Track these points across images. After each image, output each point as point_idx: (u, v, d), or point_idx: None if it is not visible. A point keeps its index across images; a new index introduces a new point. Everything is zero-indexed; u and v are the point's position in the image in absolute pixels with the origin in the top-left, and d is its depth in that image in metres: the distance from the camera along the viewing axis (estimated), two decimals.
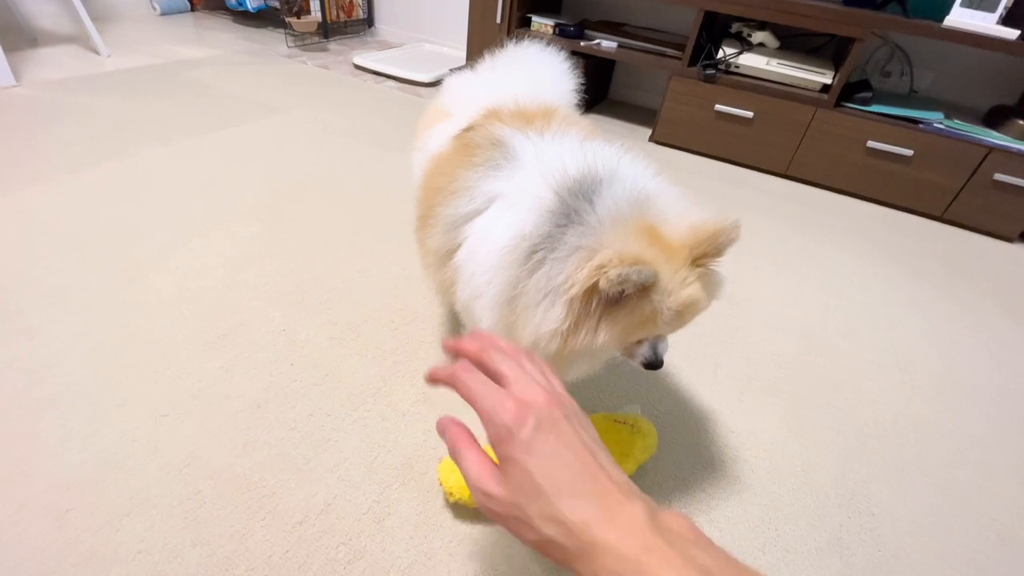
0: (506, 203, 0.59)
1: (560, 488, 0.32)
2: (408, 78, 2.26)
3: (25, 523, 0.64)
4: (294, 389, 0.84)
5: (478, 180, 0.62)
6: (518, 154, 0.62)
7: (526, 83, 0.80)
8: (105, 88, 1.88)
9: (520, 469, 0.33)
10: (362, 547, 0.65)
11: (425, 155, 0.77)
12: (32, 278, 1.00)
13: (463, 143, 0.69)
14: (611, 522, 0.30)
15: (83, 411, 0.77)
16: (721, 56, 1.77)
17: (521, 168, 0.60)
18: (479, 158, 0.63)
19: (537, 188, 0.56)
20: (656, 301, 0.51)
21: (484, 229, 0.60)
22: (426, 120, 0.86)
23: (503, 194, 0.60)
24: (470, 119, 0.73)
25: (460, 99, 0.82)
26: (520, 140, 0.63)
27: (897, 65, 1.87)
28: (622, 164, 0.59)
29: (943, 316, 1.24)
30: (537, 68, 0.86)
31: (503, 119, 0.68)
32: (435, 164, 0.72)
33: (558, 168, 0.57)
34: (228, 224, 1.23)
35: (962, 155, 1.59)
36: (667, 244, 0.52)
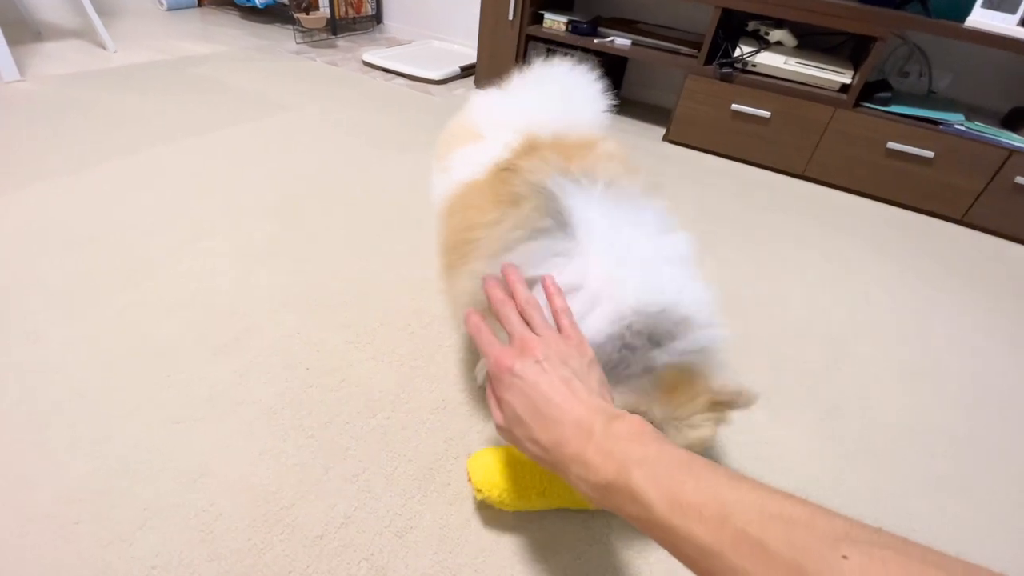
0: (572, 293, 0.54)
1: (536, 417, 0.43)
2: (418, 75, 2.23)
3: (32, 536, 0.61)
4: (310, 395, 0.82)
5: (527, 251, 0.55)
6: (573, 221, 0.55)
7: (559, 105, 0.76)
8: (111, 83, 1.85)
9: (507, 404, 0.45)
10: (384, 563, 0.63)
11: (452, 177, 0.72)
12: (37, 279, 0.97)
13: (502, 181, 0.64)
14: (574, 439, 0.40)
15: (91, 417, 0.75)
16: (738, 55, 1.74)
17: (585, 249, 0.54)
18: (523, 215, 0.57)
19: (618, 295, 0.52)
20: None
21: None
22: (450, 138, 0.81)
23: (566, 282, 0.54)
24: (505, 144, 0.69)
25: (491, 119, 0.77)
26: (572, 196, 0.57)
27: (915, 65, 1.84)
28: (705, 309, 0.55)
29: (970, 322, 1.21)
30: (569, 89, 0.81)
31: (544, 157, 0.63)
32: (469, 193, 0.67)
33: (642, 279, 0.53)
34: (238, 224, 1.20)
35: (983, 158, 1.56)
36: (689, 391, 0.52)
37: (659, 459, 0.36)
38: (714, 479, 0.34)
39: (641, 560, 0.67)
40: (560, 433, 0.41)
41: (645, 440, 0.39)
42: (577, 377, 0.45)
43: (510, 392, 0.45)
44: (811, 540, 0.28)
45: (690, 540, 0.32)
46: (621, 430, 0.39)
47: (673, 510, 0.33)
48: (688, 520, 0.32)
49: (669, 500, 0.33)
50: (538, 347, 0.46)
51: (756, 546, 0.29)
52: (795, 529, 0.29)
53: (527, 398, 0.44)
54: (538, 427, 0.43)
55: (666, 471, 0.35)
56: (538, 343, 0.46)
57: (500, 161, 0.67)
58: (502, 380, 0.46)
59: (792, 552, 0.28)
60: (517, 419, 0.44)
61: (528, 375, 0.44)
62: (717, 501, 0.32)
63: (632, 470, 0.36)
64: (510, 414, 0.45)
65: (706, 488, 0.33)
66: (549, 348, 0.46)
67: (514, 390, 0.45)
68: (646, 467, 0.36)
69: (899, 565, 0.26)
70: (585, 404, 0.42)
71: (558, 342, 0.47)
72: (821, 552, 0.28)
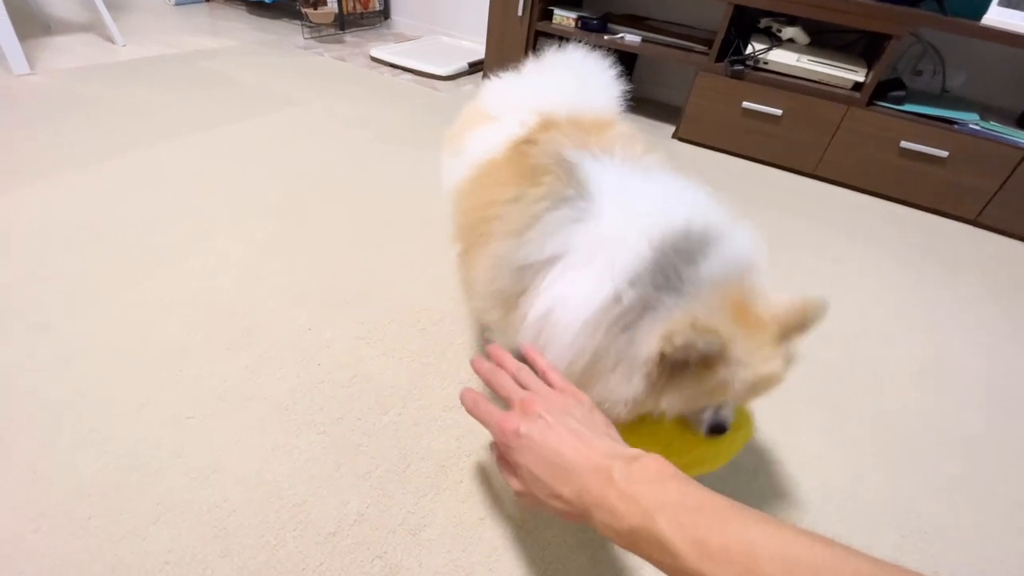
0: (586, 257, 0.52)
1: (553, 472, 0.42)
2: (426, 71, 2.22)
3: (45, 531, 0.61)
4: (322, 391, 0.81)
5: (548, 221, 0.54)
6: (591, 187, 0.54)
7: (574, 89, 0.75)
8: (120, 78, 1.85)
9: (521, 467, 0.45)
10: (398, 561, 0.62)
11: (467, 159, 0.71)
12: (47, 272, 0.97)
13: (520, 155, 0.62)
14: (595, 485, 0.40)
15: (103, 412, 0.74)
16: (750, 52, 1.72)
17: (600, 210, 0.53)
18: (544, 187, 0.56)
19: (632, 239, 0.50)
20: (725, 372, 0.48)
21: (564, 294, 0.52)
22: (463, 123, 0.80)
23: (580, 247, 0.52)
24: (522, 123, 0.68)
25: (505, 102, 0.77)
26: (591, 166, 0.56)
27: (929, 64, 1.82)
28: (728, 222, 0.54)
29: (983, 324, 1.19)
30: (584, 73, 0.80)
31: (563, 131, 0.63)
32: (485, 174, 0.66)
33: (656, 215, 0.51)
34: (248, 218, 1.19)
35: (998, 158, 1.54)
36: (756, 318, 0.49)
37: (682, 502, 0.36)
38: (740, 522, 0.34)
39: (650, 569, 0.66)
40: (580, 482, 0.41)
41: (665, 481, 0.38)
42: (582, 425, 0.45)
43: (521, 454, 0.45)
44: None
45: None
46: (640, 473, 0.39)
47: (701, 558, 0.33)
48: (716, 566, 0.32)
49: (696, 547, 0.33)
50: (538, 403, 0.46)
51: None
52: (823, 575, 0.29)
53: (539, 456, 0.43)
54: (557, 482, 0.42)
55: (691, 516, 0.35)
56: (537, 400, 0.47)
57: (518, 138, 0.66)
58: (511, 445, 0.46)
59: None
60: (534, 479, 0.44)
61: (535, 433, 0.44)
62: (744, 546, 0.32)
63: (656, 516, 0.35)
64: (527, 476, 0.44)
65: (732, 533, 0.33)
66: (549, 403, 0.46)
67: (524, 451, 0.44)
68: (670, 512, 0.35)
69: None
70: (598, 449, 0.42)
71: (555, 396, 0.48)
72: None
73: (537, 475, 0.43)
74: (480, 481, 0.72)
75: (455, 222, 0.71)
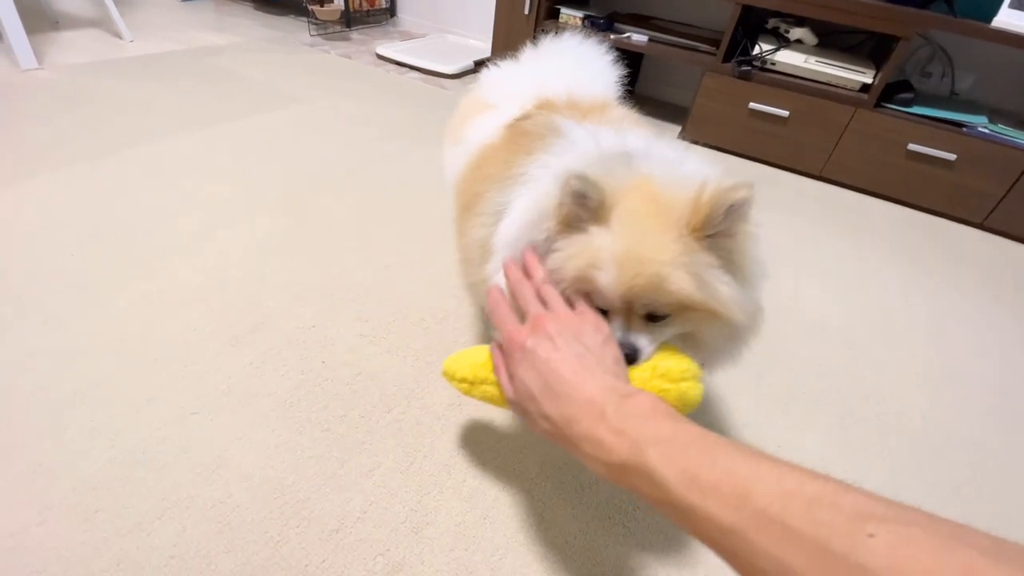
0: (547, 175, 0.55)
1: (547, 393, 0.43)
2: (432, 69, 2.22)
3: (51, 524, 0.61)
4: (325, 388, 0.81)
5: (529, 167, 0.57)
6: (576, 140, 0.57)
7: (572, 75, 0.76)
8: (127, 73, 1.86)
9: (519, 379, 0.45)
10: (401, 558, 0.62)
11: (466, 147, 0.73)
12: (53, 267, 0.97)
13: (517, 132, 0.65)
14: (585, 419, 0.39)
15: (109, 407, 0.75)
16: (757, 52, 1.72)
17: (569, 154, 0.57)
18: (533, 144, 0.59)
19: (571, 159, 0.53)
20: (600, 238, 0.46)
21: (515, 207, 0.56)
22: (463, 113, 0.82)
23: (540, 177, 0.56)
24: (521, 109, 0.69)
25: (504, 90, 0.78)
26: (578, 130, 0.59)
27: (938, 66, 1.81)
28: (664, 146, 0.56)
29: (989, 327, 1.19)
30: (581, 60, 0.82)
31: (559, 110, 0.65)
32: (484, 154, 0.68)
33: (606, 146, 0.54)
34: (253, 215, 1.20)
35: (1007, 161, 1.53)
36: (661, 207, 0.46)
37: (674, 437, 0.35)
38: (732, 457, 0.33)
39: (658, 564, 0.66)
40: (571, 410, 0.41)
41: (659, 418, 0.38)
42: (591, 353, 0.44)
43: (522, 367, 0.45)
44: (835, 518, 0.27)
45: (710, 520, 0.31)
46: (634, 408, 0.38)
47: (691, 490, 0.32)
48: (707, 500, 0.31)
49: (686, 479, 0.32)
50: (551, 323, 0.46)
51: (778, 525, 0.28)
52: (818, 507, 0.28)
53: (538, 374, 0.43)
54: (549, 403, 0.42)
55: (682, 450, 0.34)
56: (551, 320, 0.46)
57: (515, 120, 0.67)
58: (514, 356, 0.46)
59: (816, 530, 0.27)
60: (528, 394, 0.44)
61: (540, 351, 0.44)
62: (736, 479, 0.31)
63: (647, 449, 0.35)
64: (521, 389, 0.45)
65: (724, 466, 0.32)
66: (562, 325, 0.46)
67: (525, 365, 0.45)
68: (661, 446, 0.35)
69: (927, 542, 0.25)
70: (598, 381, 0.41)
71: (572, 319, 0.47)
72: (846, 530, 0.27)
73: (532, 391, 0.43)
74: (483, 480, 0.72)
75: (457, 202, 0.72)
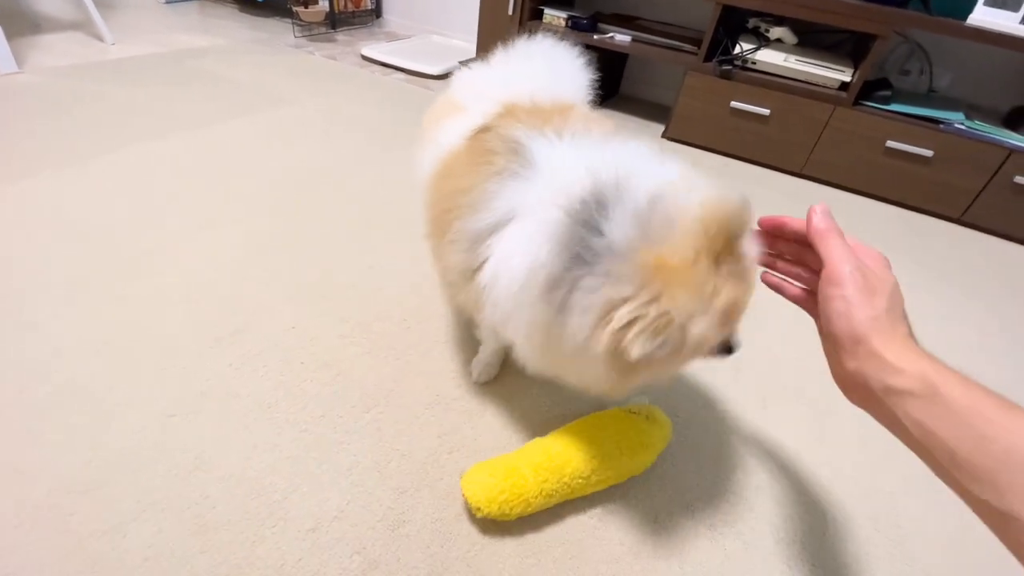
0: (522, 222, 0.55)
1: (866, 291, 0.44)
2: (417, 70, 2.22)
3: (27, 527, 0.61)
4: (304, 389, 0.82)
5: (497, 191, 0.57)
6: (535, 160, 0.57)
7: (542, 77, 0.76)
8: (110, 76, 1.85)
9: (856, 270, 0.45)
10: (377, 556, 0.63)
11: (435, 151, 0.72)
12: (34, 270, 0.97)
13: (479, 145, 0.65)
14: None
15: (88, 409, 0.75)
16: (738, 52, 1.74)
17: (538, 177, 0.56)
18: (496, 165, 0.59)
19: (547, 208, 0.52)
20: (698, 333, 0.48)
21: (504, 252, 0.55)
22: (436, 113, 0.82)
23: (520, 209, 0.55)
24: (485, 114, 0.69)
25: (474, 92, 0.78)
26: (538, 144, 0.59)
27: (916, 64, 1.83)
28: (629, 168, 0.52)
29: (966, 321, 1.21)
30: (552, 62, 0.81)
31: (520, 118, 0.64)
32: (447, 165, 0.68)
33: (568, 183, 0.52)
34: (236, 218, 1.20)
35: (983, 157, 1.56)
36: (682, 263, 0.46)
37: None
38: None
39: (632, 556, 0.67)
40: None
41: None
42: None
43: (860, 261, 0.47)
44: None
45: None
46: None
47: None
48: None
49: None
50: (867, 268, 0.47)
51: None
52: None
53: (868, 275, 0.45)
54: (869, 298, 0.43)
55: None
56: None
57: (477, 127, 0.67)
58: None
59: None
60: (864, 278, 0.45)
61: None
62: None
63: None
64: (859, 273, 0.45)
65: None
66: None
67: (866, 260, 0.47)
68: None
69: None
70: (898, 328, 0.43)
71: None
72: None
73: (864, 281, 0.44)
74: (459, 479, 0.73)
75: (426, 215, 0.72)
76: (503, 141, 0.61)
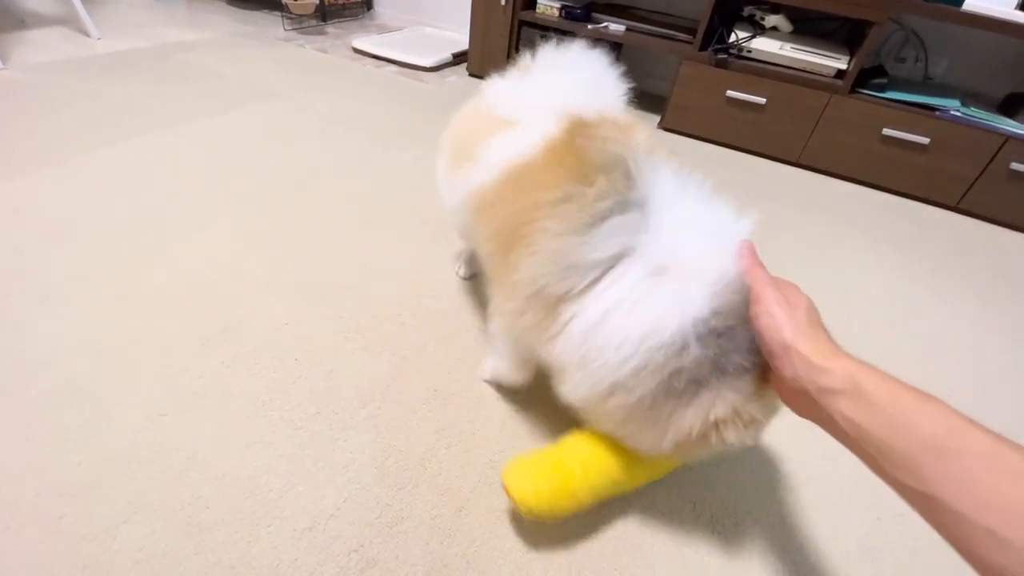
0: (640, 274, 0.52)
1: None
2: (409, 62, 2.20)
3: (16, 530, 0.60)
4: (299, 386, 0.81)
5: (614, 222, 0.53)
6: (647, 195, 0.54)
7: (591, 88, 0.72)
8: (96, 72, 1.82)
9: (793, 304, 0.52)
10: (375, 554, 0.62)
11: (486, 169, 0.66)
12: (23, 270, 0.95)
13: (564, 155, 0.58)
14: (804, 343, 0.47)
15: (79, 410, 0.73)
16: (733, 40, 1.72)
17: (655, 224, 0.53)
18: (600, 186, 0.54)
19: (684, 286, 0.51)
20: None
21: (618, 302, 0.52)
22: (469, 131, 0.75)
23: (638, 256, 0.53)
24: (550, 124, 0.63)
25: (521, 104, 0.71)
26: (644, 170, 0.55)
27: (912, 51, 1.82)
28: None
29: (962, 310, 1.21)
30: (594, 73, 0.75)
31: (604, 129, 0.60)
32: (519, 178, 0.61)
33: (704, 266, 0.52)
34: (225, 214, 1.18)
35: (979, 144, 1.56)
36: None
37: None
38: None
39: (628, 558, 0.66)
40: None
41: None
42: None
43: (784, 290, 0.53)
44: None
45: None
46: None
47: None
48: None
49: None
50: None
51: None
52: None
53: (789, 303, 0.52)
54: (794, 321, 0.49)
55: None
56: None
57: (554, 139, 0.62)
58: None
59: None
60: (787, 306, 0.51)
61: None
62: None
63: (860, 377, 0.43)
64: (792, 309, 0.51)
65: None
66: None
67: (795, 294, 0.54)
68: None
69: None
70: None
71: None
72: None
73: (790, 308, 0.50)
74: (459, 474, 0.72)
75: (487, 232, 0.66)
76: (603, 154, 0.56)
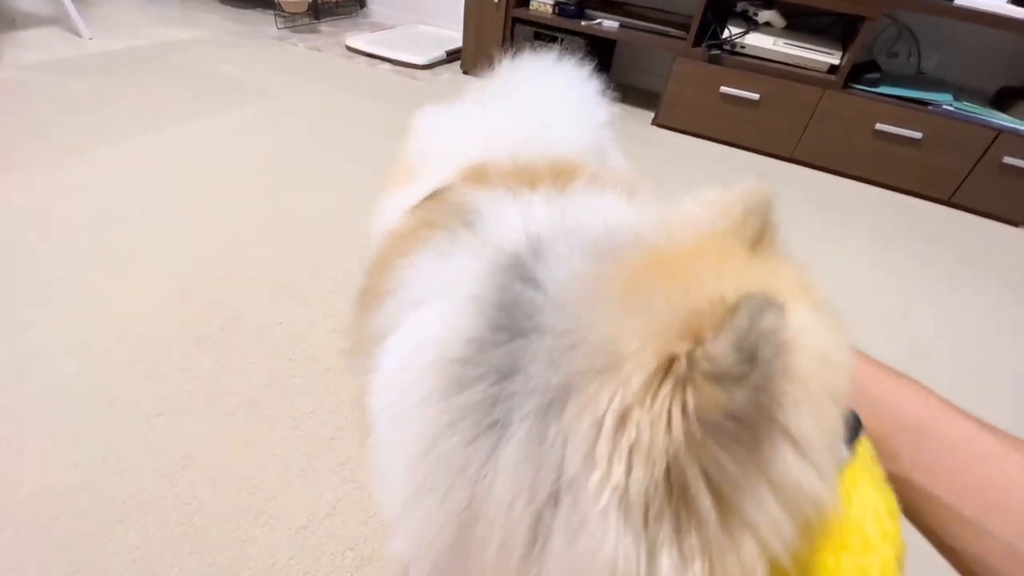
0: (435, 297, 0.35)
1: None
2: (403, 60, 2.19)
3: (11, 531, 0.60)
4: (294, 385, 0.81)
5: (417, 267, 0.37)
6: (483, 224, 0.37)
7: (534, 122, 0.53)
8: (88, 71, 1.80)
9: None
10: (370, 552, 0.62)
11: (377, 234, 0.53)
12: (15, 270, 0.95)
13: (422, 219, 0.43)
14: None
15: (72, 411, 0.73)
16: (727, 36, 1.72)
17: (474, 244, 0.36)
18: (435, 236, 0.38)
19: (467, 267, 0.33)
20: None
21: (397, 339, 0.35)
22: (392, 178, 0.61)
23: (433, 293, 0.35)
24: (440, 181, 0.47)
25: (432, 150, 0.56)
26: (498, 207, 0.38)
27: (904, 45, 1.83)
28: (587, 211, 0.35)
29: (956, 303, 1.21)
30: (549, 97, 0.58)
31: (492, 180, 0.43)
32: (380, 260, 0.47)
33: (502, 236, 0.34)
34: (221, 214, 1.18)
35: (971, 138, 1.56)
36: (690, 243, 0.28)
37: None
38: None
39: None
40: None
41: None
42: None
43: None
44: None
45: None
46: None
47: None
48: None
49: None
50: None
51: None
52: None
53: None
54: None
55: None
56: None
57: (421, 200, 0.47)
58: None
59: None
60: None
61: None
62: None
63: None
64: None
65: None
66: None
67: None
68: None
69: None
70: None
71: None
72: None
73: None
74: None
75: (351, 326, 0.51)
76: (451, 206, 0.41)
